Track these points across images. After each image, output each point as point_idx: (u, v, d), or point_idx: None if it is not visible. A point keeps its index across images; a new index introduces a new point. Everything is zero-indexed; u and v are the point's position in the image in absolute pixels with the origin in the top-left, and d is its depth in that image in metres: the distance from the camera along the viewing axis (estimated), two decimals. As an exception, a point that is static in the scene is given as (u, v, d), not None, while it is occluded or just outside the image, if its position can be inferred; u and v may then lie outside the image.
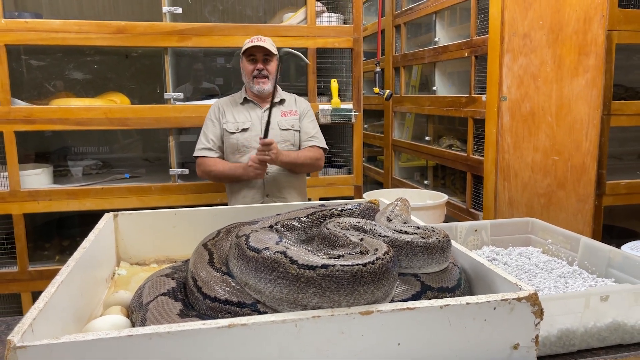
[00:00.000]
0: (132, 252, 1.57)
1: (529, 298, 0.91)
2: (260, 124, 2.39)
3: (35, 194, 2.65)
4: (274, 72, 2.38)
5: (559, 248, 1.48)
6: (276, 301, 0.88)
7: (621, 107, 2.88)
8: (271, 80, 2.38)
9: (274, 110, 2.36)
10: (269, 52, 2.36)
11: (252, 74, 2.38)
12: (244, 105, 2.47)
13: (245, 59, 2.39)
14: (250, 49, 2.35)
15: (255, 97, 2.46)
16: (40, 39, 2.58)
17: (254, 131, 2.40)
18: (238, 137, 2.39)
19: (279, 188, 2.42)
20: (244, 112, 2.44)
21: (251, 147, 2.37)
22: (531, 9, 2.61)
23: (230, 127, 2.41)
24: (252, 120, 2.42)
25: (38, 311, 0.85)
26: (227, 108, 2.46)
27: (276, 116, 2.43)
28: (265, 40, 2.35)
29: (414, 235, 1.03)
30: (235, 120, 2.42)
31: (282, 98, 2.51)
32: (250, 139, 2.39)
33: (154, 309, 0.99)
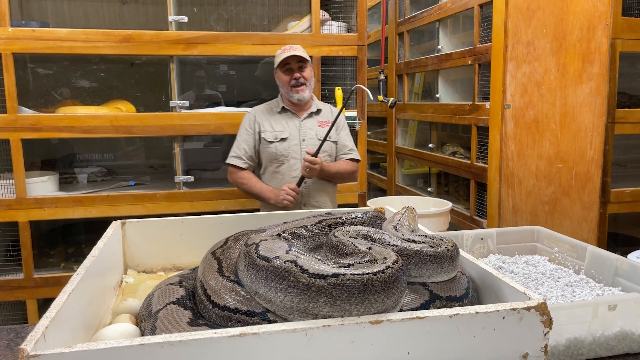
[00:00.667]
0: (139, 259, 1.58)
1: (538, 307, 0.91)
2: (299, 134, 2.41)
3: (41, 201, 2.66)
4: (310, 78, 2.41)
5: (566, 256, 1.48)
6: (287, 310, 0.89)
7: (625, 115, 2.88)
8: (309, 86, 2.40)
9: (309, 121, 2.42)
10: (303, 59, 2.37)
11: (289, 84, 2.38)
12: (281, 114, 2.47)
13: (280, 70, 2.40)
14: (285, 59, 2.36)
15: (293, 107, 2.47)
16: (47, 48, 2.60)
17: (292, 140, 2.41)
18: (277, 147, 2.39)
19: (315, 196, 2.44)
20: (282, 122, 2.44)
21: (289, 156, 2.39)
22: (534, 17, 2.63)
23: (268, 136, 2.41)
24: (290, 129, 2.42)
25: (50, 320, 0.86)
26: (263, 117, 2.46)
27: (313, 126, 2.45)
28: (297, 49, 2.37)
29: (422, 244, 1.04)
30: (273, 129, 2.42)
31: (318, 108, 2.51)
32: (288, 149, 2.40)
33: (164, 318, 0.99)
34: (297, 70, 2.37)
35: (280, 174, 2.41)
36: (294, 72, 2.37)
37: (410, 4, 4.02)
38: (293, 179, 2.39)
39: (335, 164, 2.47)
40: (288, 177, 2.39)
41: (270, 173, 2.43)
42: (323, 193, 2.47)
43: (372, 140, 4.78)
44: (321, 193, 2.46)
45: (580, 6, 2.63)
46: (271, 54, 2.87)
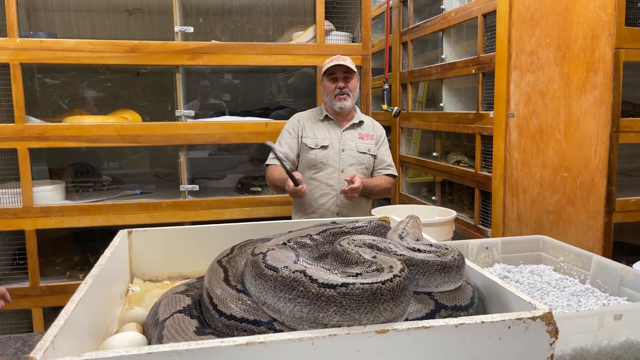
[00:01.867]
0: (146, 268, 1.59)
1: (544, 317, 0.91)
2: (339, 144, 2.43)
3: (48, 210, 2.68)
4: (354, 89, 2.43)
5: (571, 266, 1.48)
6: (296, 320, 0.89)
7: (630, 124, 2.89)
8: (352, 97, 2.42)
9: (351, 132, 2.45)
10: (350, 69, 2.39)
11: (333, 93, 2.41)
12: (323, 122, 2.49)
13: (326, 78, 2.43)
14: (331, 68, 2.39)
15: (336, 116, 2.49)
16: (54, 58, 2.63)
17: (332, 149, 2.43)
18: (317, 154, 2.42)
19: (350, 210, 2.44)
20: (324, 129, 2.47)
21: (328, 164, 2.41)
22: (538, 26, 2.64)
23: (310, 142, 2.44)
24: (331, 138, 2.45)
25: (59, 328, 0.87)
26: (306, 123, 2.49)
27: (354, 138, 2.47)
28: (345, 59, 2.40)
29: (429, 253, 1.04)
30: (315, 136, 2.45)
31: (360, 120, 2.53)
32: (328, 157, 2.42)
33: (171, 326, 1.00)
34: (342, 80, 2.40)
35: (317, 181, 2.43)
36: (339, 82, 2.40)
37: (414, 13, 4.04)
38: (330, 187, 2.41)
39: (373, 180, 2.48)
40: (324, 185, 2.42)
41: (306, 179, 2.44)
42: (357, 207, 2.47)
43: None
44: (355, 207, 2.47)
45: (584, 16, 2.65)
46: (276, 64, 2.90)
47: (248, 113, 3.24)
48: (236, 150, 3.47)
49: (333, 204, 2.42)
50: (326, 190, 2.42)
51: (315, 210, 2.42)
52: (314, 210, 2.42)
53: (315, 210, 2.42)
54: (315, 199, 2.42)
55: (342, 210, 2.43)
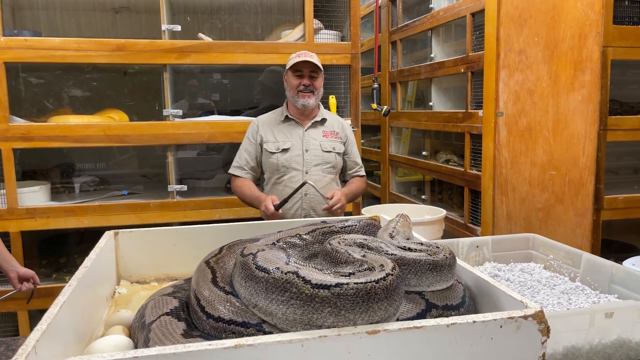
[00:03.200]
0: (133, 270, 1.56)
1: (536, 316, 0.90)
2: (302, 144, 2.35)
3: (33, 212, 2.64)
4: (320, 88, 2.36)
5: (561, 264, 1.48)
6: (289, 323, 0.87)
7: (617, 122, 2.90)
8: (316, 95, 2.35)
9: (313, 131, 2.39)
10: (316, 67, 2.31)
11: (297, 89, 2.32)
12: (284, 123, 2.40)
13: (292, 73, 2.33)
14: (298, 64, 2.30)
15: (297, 115, 2.41)
16: (39, 57, 2.59)
17: (294, 151, 2.35)
18: (278, 157, 2.34)
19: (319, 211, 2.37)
20: (284, 131, 2.38)
21: (291, 167, 2.33)
22: (526, 25, 2.65)
23: (270, 147, 2.35)
24: (292, 139, 2.36)
25: (41, 332, 0.84)
26: (266, 127, 2.40)
27: (317, 136, 2.40)
28: (312, 56, 2.31)
29: (420, 252, 1.03)
30: (276, 139, 2.37)
31: (323, 117, 2.44)
32: (290, 160, 2.34)
33: (157, 329, 0.98)
34: (307, 78, 2.31)
35: (282, 185, 2.35)
36: (304, 79, 2.31)
37: (403, 12, 4.04)
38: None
39: (350, 188, 2.44)
40: (289, 189, 2.31)
41: (272, 184, 2.38)
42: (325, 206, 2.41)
43: (366, 148, 4.78)
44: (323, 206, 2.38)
45: (572, 15, 2.66)
46: (264, 63, 2.88)
47: (237, 112, 3.22)
48: (226, 150, 3.43)
49: (299, 207, 2.35)
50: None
51: (283, 214, 2.32)
52: (283, 214, 2.32)
53: (283, 214, 2.32)
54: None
55: (309, 213, 2.36)
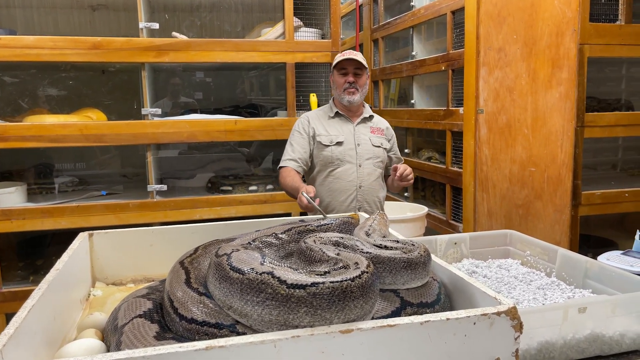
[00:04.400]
0: (108, 271, 1.54)
1: (509, 312, 0.91)
2: (354, 139, 2.41)
3: (9, 213, 2.59)
4: (364, 85, 2.42)
5: (537, 260, 1.50)
6: (265, 324, 0.86)
7: (594, 119, 2.94)
8: (361, 92, 2.40)
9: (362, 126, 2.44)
10: (360, 65, 2.38)
11: (343, 87, 2.39)
12: (334, 119, 2.46)
13: (337, 72, 2.41)
14: (342, 62, 2.37)
15: (346, 111, 2.46)
16: (13, 56, 2.53)
17: (347, 145, 2.40)
18: (333, 150, 2.39)
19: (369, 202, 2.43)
20: (336, 126, 2.44)
21: (345, 160, 2.39)
22: (505, 23, 2.66)
23: (324, 140, 2.40)
24: (344, 134, 2.42)
25: (8, 337, 0.82)
26: (317, 121, 2.46)
27: (366, 132, 2.46)
28: (357, 55, 2.38)
29: (395, 250, 1.03)
30: (328, 133, 2.42)
31: (370, 114, 2.52)
32: (344, 152, 2.39)
33: (130, 332, 0.96)
34: (352, 75, 2.38)
35: (335, 177, 2.39)
36: (348, 76, 2.38)
37: (384, 10, 4.04)
38: (349, 183, 2.38)
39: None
40: (343, 181, 2.38)
41: (324, 177, 2.41)
42: (376, 202, 2.46)
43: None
44: (375, 202, 2.46)
45: (549, 12, 2.68)
46: (244, 61, 2.86)
47: (220, 111, 3.19)
48: (207, 148, 3.41)
49: (353, 199, 2.39)
50: (345, 187, 2.38)
51: (336, 207, 2.38)
52: (335, 207, 2.38)
53: (336, 207, 2.38)
54: (334, 197, 2.39)
55: (362, 205, 2.41)
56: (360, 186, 2.38)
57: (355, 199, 2.39)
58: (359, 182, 2.38)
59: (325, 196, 2.40)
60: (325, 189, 2.40)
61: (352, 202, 2.39)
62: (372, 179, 2.40)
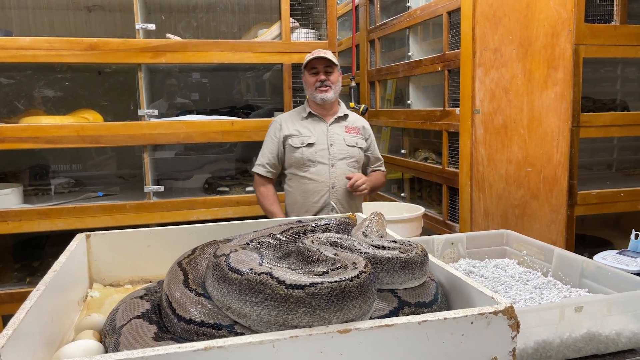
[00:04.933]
0: (106, 273, 1.54)
1: (506, 311, 0.91)
2: (327, 139, 2.43)
3: (5, 215, 2.58)
4: (336, 82, 2.43)
5: (534, 259, 1.50)
6: (264, 324, 0.86)
7: (590, 119, 2.95)
8: (334, 89, 2.42)
9: (337, 126, 2.46)
10: (331, 63, 2.39)
11: (314, 85, 2.40)
12: (307, 119, 2.48)
13: (307, 72, 2.42)
14: (312, 62, 2.39)
15: (319, 111, 2.48)
16: (9, 57, 2.53)
17: (319, 145, 2.42)
18: (304, 152, 2.40)
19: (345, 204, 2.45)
20: (308, 127, 2.46)
21: (316, 161, 2.40)
22: (501, 24, 2.67)
23: (295, 142, 2.42)
24: (316, 134, 2.44)
25: (6, 338, 0.83)
26: (289, 124, 2.47)
27: (340, 132, 2.47)
28: (326, 52, 2.40)
29: (392, 250, 1.03)
30: (300, 134, 2.43)
31: (345, 113, 2.53)
32: (315, 154, 2.41)
33: (128, 333, 0.96)
34: (323, 73, 2.39)
35: (308, 178, 2.41)
36: (320, 75, 2.39)
37: (380, 11, 4.05)
38: (321, 184, 2.40)
39: (373, 178, 2.57)
40: (315, 182, 2.40)
41: (297, 178, 2.44)
42: (350, 202, 2.48)
43: (346, 146, 4.78)
44: (349, 202, 2.47)
45: (544, 13, 2.70)
46: (241, 62, 2.86)
47: (216, 112, 3.19)
48: (203, 149, 3.41)
49: (326, 200, 2.41)
50: (318, 188, 2.40)
51: (309, 208, 2.40)
52: (308, 208, 2.40)
53: (309, 208, 2.40)
54: (307, 198, 2.41)
55: (336, 205, 2.42)
56: (333, 187, 2.40)
57: (328, 199, 2.41)
58: (331, 182, 2.40)
59: (299, 197, 2.43)
60: (298, 190, 2.43)
61: (324, 203, 2.41)
62: (345, 181, 2.41)
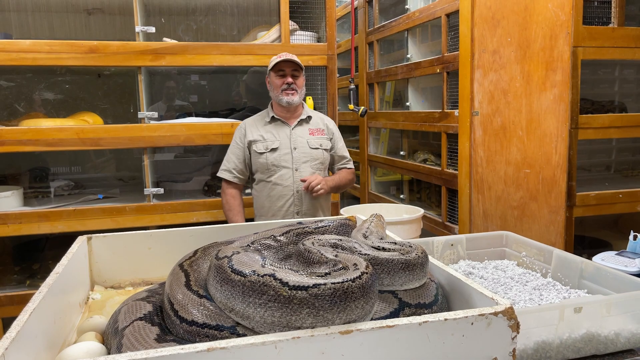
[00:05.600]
0: (107, 275, 1.54)
1: (506, 312, 0.92)
2: (290, 143, 2.44)
3: (5, 217, 2.58)
4: (302, 86, 2.45)
5: (533, 260, 1.51)
6: (267, 326, 0.87)
7: (588, 121, 2.97)
8: (299, 93, 2.43)
9: (300, 129, 2.47)
10: (297, 67, 2.40)
11: (280, 88, 2.41)
12: (271, 124, 2.49)
13: (274, 74, 2.43)
14: (279, 64, 2.40)
15: (283, 114, 2.49)
16: (10, 60, 2.53)
17: (282, 150, 2.44)
18: (267, 157, 2.42)
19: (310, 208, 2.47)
20: (272, 131, 2.47)
21: (281, 165, 2.42)
22: (499, 26, 2.69)
23: (259, 147, 2.43)
24: (280, 139, 2.45)
25: (10, 340, 0.83)
26: (253, 129, 2.48)
27: (304, 134, 2.48)
28: (293, 56, 2.42)
29: (393, 252, 1.04)
30: (264, 139, 2.45)
31: (308, 115, 2.54)
32: (279, 158, 2.42)
33: (130, 335, 0.97)
34: (290, 76, 2.40)
35: (273, 184, 2.43)
36: (287, 77, 2.40)
37: (379, 13, 4.06)
38: (286, 188, 2.41)
39: (337, 176, 2.55)
40: (280, 187, 2.42)
41: (263, 183, 2.46)
42: (316, 205, 2.49)
43: (345, 148, 4.79)
44: (315, 205, 2.48)
45: (543, 15, 2.71)
46: (241, 64, 2.87)
47: (215, 114, 3.20)
48: (203, 152, 3.42)
49: (292, 204, 2.43)
50: (283, 192, 2.42)
51: (275, 212, 2.42)
52: (274, 212, 2.43)
53: (275, 212, 2.42)
54: (273, 202, 2.43)
55: (301, 209, 2.44)
56: (297, 190, 2.42)
57: (294, 203, 2.43)
58: (296, 186, 2.42)
59: (265, 202, 2.45)
60: (264, 195, 2.45)
61: (290, 207, 2.43)
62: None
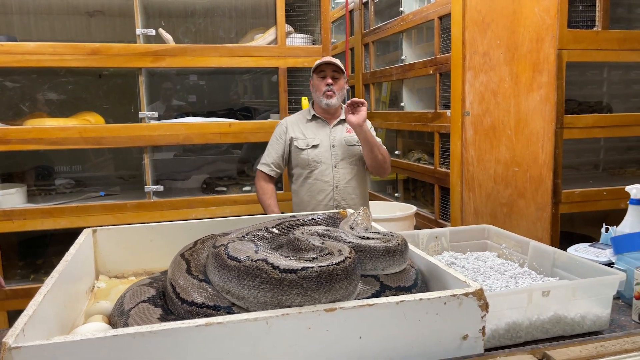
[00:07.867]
0: (111, 265, 1.63)
1: (475, 293, 1.02)
2: (329, 141, 2.55)
3: (10, 214, 2.67)
4: (341, 89, 2.55)
5: (512, 252, 1.61)
6: (260, 305, 0.97)
7: (573, 121, 3.06)
8: (338, 95, 2.53)
9: (338, 128, 2.57)
10: (338, 69, 2.50)
11: (322, 90, 2.51)
12: (312, 122, 2.60)
13: (316, 76, 2.54)
14: (321, 66, 2.51)
15: (323, 114, 2.60)
16: (15, 61, 2.62)
17: (322, 147, 2.54)
18: (309, 153, 2.53)
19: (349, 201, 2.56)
20: (312, 129, 2.58)
21: (321, 162, 2.52)
22: (489, 29, 2.78)
23: (300, 144, 2.54)
24: (320, 137, 2.56)
25: (28, 317, 0.92)
26: (294, 126, 2.59)
27: (342, 133, 2.58)
28: (334, 59, 2.53)
29: (375, 240, 1.14)
30: (305, 137, 2.56)
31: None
32: (320, 155, 2.53)
33: (135, 315, 1.06)
34: (330, 78, 2.50)
35: (313, 179, 2.54)
36: (327, 79, 2.50)
37: (375, 15, 4.16)
38: (325, 183, 2.52)
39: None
40: (320, 182, 2.52)
41: (303, 178, 2.56)
42: (355, 199, 2.58)
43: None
44: (354, 200, 2.57)
45: (530, 19, 2.80)
46: (238, 66, 2.96)
47: (214, 114, 3.29)
48: (201, 150, 3.51)
49: (331, 199, 2.53)
50: (323, 187, 2.52)
51: (314, 207, 2.52)
52: (314, 207, 2.52)
53: (314, 207, 2.52)
54: (313, 197, 2.53)
55: (340, 203, 2.54)
56: (336, 186, 2.53)
57: (333, 198, 2.53)
58: (335, 182, 2.52)
59: (305, 196, 2.55)
60: (304, 190, 2.55)
61: (330, 201, 2.53)
62: (348, 177, 2.54)
